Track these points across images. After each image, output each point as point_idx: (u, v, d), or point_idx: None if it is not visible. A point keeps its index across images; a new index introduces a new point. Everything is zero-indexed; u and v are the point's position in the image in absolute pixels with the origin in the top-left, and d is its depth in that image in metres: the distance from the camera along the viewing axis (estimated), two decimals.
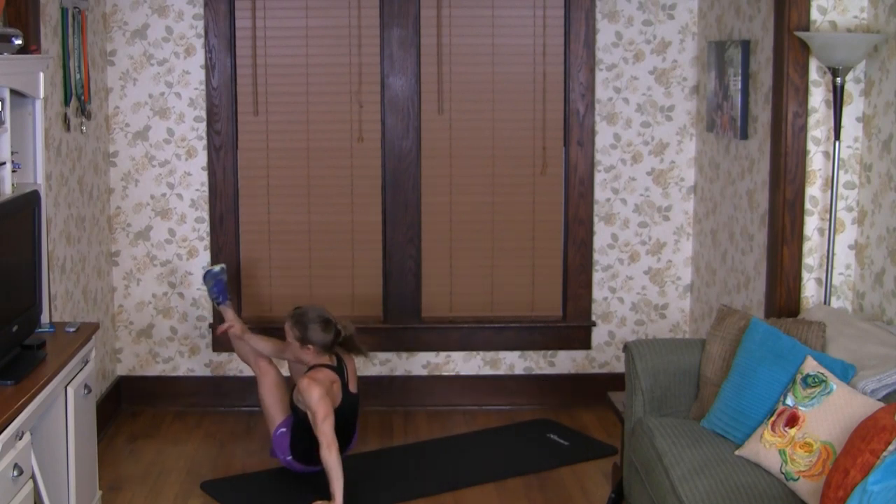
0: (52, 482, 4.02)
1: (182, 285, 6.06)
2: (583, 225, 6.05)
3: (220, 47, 5.87)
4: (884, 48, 4.40)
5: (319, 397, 4.80)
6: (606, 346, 6.18)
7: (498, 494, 5.02)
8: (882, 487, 3.05)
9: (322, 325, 4.97)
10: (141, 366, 6.11)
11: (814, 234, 4.72)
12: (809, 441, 3.66)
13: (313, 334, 4.95)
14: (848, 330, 4.16)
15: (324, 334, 4.96)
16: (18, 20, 4.52)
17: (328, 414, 4.78)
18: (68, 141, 5.23)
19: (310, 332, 4.95)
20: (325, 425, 4.76)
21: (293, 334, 4.99)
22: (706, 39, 5.79)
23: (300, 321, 4.98)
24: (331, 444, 4.74)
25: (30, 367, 3.83)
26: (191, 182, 5.99)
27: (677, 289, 6.14)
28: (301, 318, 4.99)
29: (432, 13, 5.93)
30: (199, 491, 5.04)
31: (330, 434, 4.76)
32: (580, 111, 5.97)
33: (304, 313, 5.00)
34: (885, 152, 4.41)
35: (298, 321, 4.98)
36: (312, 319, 4.97)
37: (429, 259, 6.09)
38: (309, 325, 4.96)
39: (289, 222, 6.06)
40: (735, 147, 5.35)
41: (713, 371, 4.28)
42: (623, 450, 4.58)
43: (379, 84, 5.97)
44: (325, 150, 6.02)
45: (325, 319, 4.99)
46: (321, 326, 4.96)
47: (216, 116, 5.92)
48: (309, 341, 4.96)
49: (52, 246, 4.92)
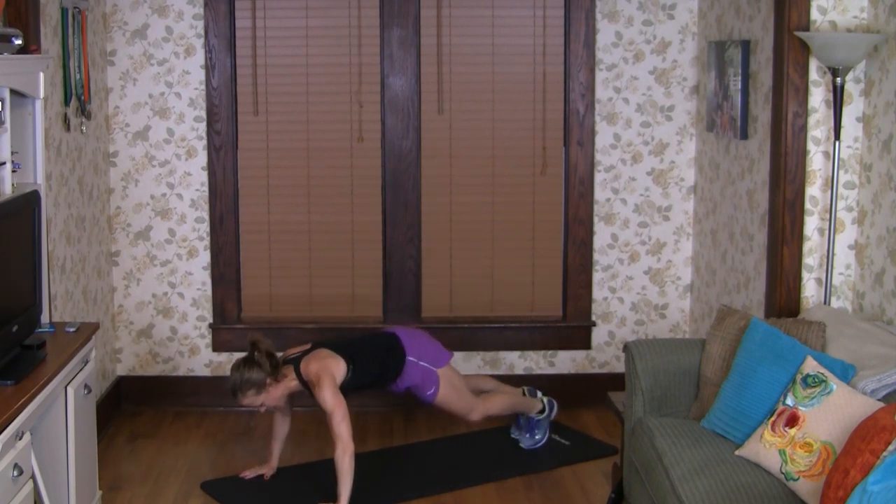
0: (52, 482, 4.02)
1: (182, 285, 6.06)
2: (583, 225, 6.06)
3: (220, 47, 5.88)
4: (884, 48, 4.40)
5: (333, 395, 4.73)
6: (606, 346, 6.18)
7: (498, 494, 5.02)
8: (882, 487, 3.05)
9: (247, 365, 4.80)
10: (141, 366, 6.11)
11: (814, 234, 4.72)
12: (809, 441, 3.66)
13: (257, 374, 4.79)
14: (848, 330, 4.16)
15: (259, 368, 4.79)
16: (18, 20, 4.52)
17: (345, 415, 4.71)
18: (68, 141, 5.23)
19: (254, 377, 4.79)
20: (341, 427, 4.69)
21: (264, 389, 4.82)
22: (706, 39, 5.79)
23: (247, 383, 4.80)
24: (347, 446, 4.68)
25: (30, 367, 3.83)
26: (191, 182, 5.99)
27: (677, 289, 6.14)
28: (244, 381, 4.80)
29: (432, 13, 5.93)
30: (199, 491, 5.04)
31: (347, 436, 4.69)
32: (580, 111, 5.97)
33: (237, 380, 4.81)
34: (885, 152, 4.41)
35: (246, 385, 4.80)
36: (242, 371, 4.80)
37: (429, 259, 6.09)
38: (247, 378, 4.79)
39: (289, 222, 6.06)
40: (735, 147, 5.35)
41: (713, 371, 4.28)
42: (623, 450, 4.58)
43: (379, 84, 5.97)
44: (325, 150, 6.02)
45: (241, 362, 4.83)
46: (249, 366, 4.80)
47: (216, 116, 5.92)
48: (269, 379, 4.81)
49: (52, 246, 4.92)
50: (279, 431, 5.16)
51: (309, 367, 4.85)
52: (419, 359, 5.01)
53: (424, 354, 5.03)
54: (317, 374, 4.81)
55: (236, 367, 4.85)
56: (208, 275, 6.05)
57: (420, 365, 5.00)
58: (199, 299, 6.07)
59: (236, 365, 4.86)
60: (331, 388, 4.75)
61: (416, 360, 5.01)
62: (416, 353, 5.01)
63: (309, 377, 4.83)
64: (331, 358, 4.87)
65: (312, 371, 4.83)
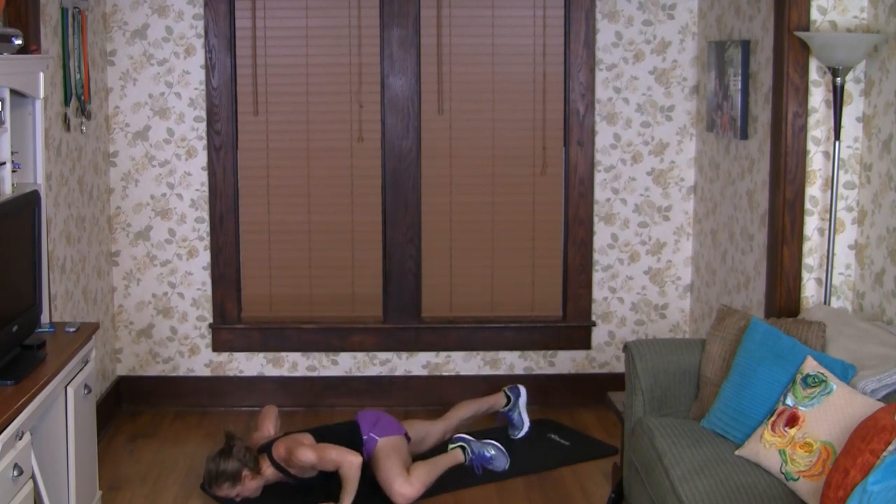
0: (52, 482, 4.02)
1: (182, 285, 6.06)
2: (583, 225, 6.05)
3: (220, 47, 5.88)
4: (884, 48, 4.40)
5: (317, 448, 4.77)
6: (606, 346, 6.18)
7: (498, 494, 5.02)
8: (882, 487, 3.05)
9: (223, 456, 4.79)
10: (141, 366, 6.11)
11: (814, 234, 4.72)
12: (809, 441, 3.66)
13: (233, 465, 4.78)
14: (848, 330, 4.16)
15: (235, 460, 4.78)
16: (18, 20, 4.52)
17: (320, 449, 4.76)
18: (68, 141, 5.23)
19: (230, 468, 4.77)
20: (329, 454, 4.73)
21: (239, 482, 4.80)
22: (706, 39, 5.79)
23: (222, 476, 4.78)
24: (353, 461, 4.74)
25: (30, 367, 3.83)
26: (191, 182, 5.99)
27: (677, 289, 6.14)
28: (219, 473, 4.78)
29: (432, 13, 5.93)
30: (199, 491, 5.04)
31: (338, 456, 4.74)
32: (580, 111, 5.97)
33: (212, 471, 4.79)
34: (885, 152, 4.41)
35: (221, 477, 4.78)
36: (217, 463, 4.79)
37: (429, 259, 6.09)
38: (223, 469, 4.77)
39: (289, 222, 6.06)
40: (735, 147, 5.35)
41: (713, 371, 4.28)
42: (623, 450, 4.58)
43: (379, 84, 5.97)
44: (325, 150, 6.02)
45: (218, 453, 4.81)
46: (225, 457, 4.79)
47: (216, 116, 5.92)
48: (245, 471, 4.80)
49: (52, 246, 4.91)
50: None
51: (280, 448, 4.87)
52: (369, 432, 4.99)
53: (374, 427, 5.00)
54: (287, 449, 4.83)
55: (212, 459, 4.83)
56: (208, 275, 6.05)
57: (370, 437, 4.98)
58: (199, 299, 6.07)
59: (212, 456, 4.85)
60: (304, 447, 4.78)
61: (367, 434, 4.99)
62: (366, 429, 4.99)
63: (282, 457, 4.85)
64: (298, 435, 4.94)
65: (283, 450, 4.85)
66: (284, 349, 6.08)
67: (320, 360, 6.10)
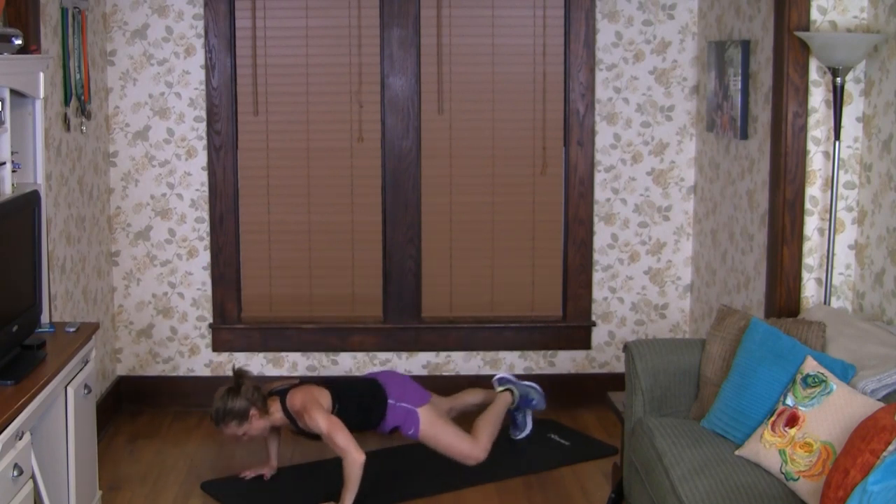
0: (52, 482, 4.02)
1: (182, 285, 6.06)
2: (583, 225, 6.06)
3: (220, 47, 5.88)
4: (884, 48, 4.40)
5: (324, 416, 4.74)
6: (606, 346, 6.18)
7: (498, 494, 5.02)
8: (882, 487, 3.05)
9: (231, 394, 4.79)
10: (141, 366, 6.11)
11: (814, 234, 4.72)
12: (809, 441, 3.66)
13: (241, 404, 4.77)
14: (848, 330, 4.16)
15: (243, 398, 4.78)
16: (18, 20, 4.52)
17: (342, 429, 4.72)
18: (68, 141, 5.23)
19: (238, 406, 4.77)
20: (343, 441, 4.70)
21: (246, 420, 4.79)
22: (706, 39, 5.79)
23: (230, 413, 4.78)
24: (356, 458, 4.68)
25: (30, 367, 3.83)
26: (191, 182, 5.99)
27: (677, 289, 6.14)
28: (227, 411, 4.78)
29: (432, 13, 5.93)
30: (199, 491, 5.04)
31: (353, 448, 4.69)
32: (580, 111, 5.97)
33: (219, 408, 4.79)
34: (885, 152, 4.41)
35: (229, 415, 4.78)
36: (225, 400, 4.79)
37: (429, 259, 6.09)
38: (230, 407, 4.77)
39: (289, 222, 6.06)
40: (735, 147, 5.35)
41: (713, 371, 4.28)
42: (623, 450, 4.58)
43: (379, 84, 5.97)
44: (325, 150, 6.02)
45: (226, 391, 4.82)
46: (233, 395, 4.79)
47: (216, 116, 5.92)
48: (254, 410, 4.80)
49: (52, 246, 4.92)
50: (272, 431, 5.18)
51: (295, 399, 4.85)
52: (398, 400, 4.99)
53: (404, 396, 5.01)
54: (303, 403, 4.81)
55: (220, 396, 4.82)
56: (208, 275, 6.05)
57: (400, 406, 4.99)
58: (199, 299, 6.07)
59: (220, 394, 4.83)
60: (320, 411, 4.76)
61: (396, 402, 4.98)
62: (396, 396, 5.00)
63: (295, 408, 4.83)
64: (317, 390, 4.91)
65: (298, 402, 4.83)
66: (284, 349, 6.08)
67: (320, 360, 6.10)
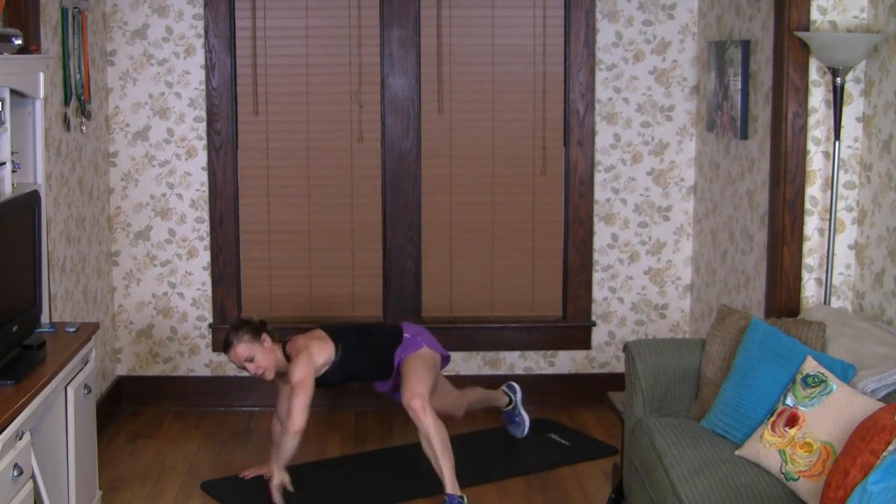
0: (52, 482, 4.02)
1: (182, 285, 6.06)
2: (583, 225, 6.06)
3: (220, 47, 5.88)
4: (884, 48, 4.40)
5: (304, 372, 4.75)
6: (606, 346, 6.18)
7: (498, 494, 5.02)
8: (882, 487, 3.05)
9: (244, 322, 4.93)
10: (141, 366, 6.11)
11: (814, 234, 4.72)
12: (809, 441, 3.66)
13: (255, 325, 4.89)
14: (848, 330, 4.16)
15: (249, 329, 4.88)
16: (18, 20, 4.52)
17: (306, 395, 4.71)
18: (68, 141, 5.23)
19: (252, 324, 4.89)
20: (298, 403, 4.70)
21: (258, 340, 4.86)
22: (706, 39, 5.79)
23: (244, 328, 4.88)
24: (294, 426, 4.69)
25: (30, 367, 3.83)
26: (191, 182, 5.99)
27: (677, 289, 6.14)
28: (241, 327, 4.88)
29: (432, 13, 5.93)
30: (199, 491, 5.04)
31: (298, 417, 4.70)
32: (580, 111, 5.97)
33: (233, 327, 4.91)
34: (885, 152, 4.41)
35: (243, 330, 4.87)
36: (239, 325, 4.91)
37: (429, 259, 6.09)
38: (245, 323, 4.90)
39: (289, 222, 6.06)
40: (735, 147, 5.35)
41: (713, 371, 4.28)
42: (623, 450, 4.58)
43: (379, 84, 5.97)
44: (325, 150, 6.02)
45: (239, 321, 5.01)
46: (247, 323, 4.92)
47: (216, 116, 5.92)
48: (265, 334, 4.88)
49: (52, 246, 4.92)
50: (278, 436, 5.15)
51: (296, 342, 4.92)
52: (415, 335, 5.05)
53: (422, 337, 5.07)
54: (297, 350, 4.87)
55: (233, 325, 4.95)
56: (208, 275, 6.05)
57: (415, 340, 5.03)
58: (199, 299, 6.07)
59: (233, 324, 4.99)
60: (304, 365, 4.78)
61: (412, 336, 5.04)
62: (412, 332, 5.08)
63: (291, 351, 4.88)
64: (320, 340, 4.94)
65: (296, 346, 4.90)
66: None
67: None
